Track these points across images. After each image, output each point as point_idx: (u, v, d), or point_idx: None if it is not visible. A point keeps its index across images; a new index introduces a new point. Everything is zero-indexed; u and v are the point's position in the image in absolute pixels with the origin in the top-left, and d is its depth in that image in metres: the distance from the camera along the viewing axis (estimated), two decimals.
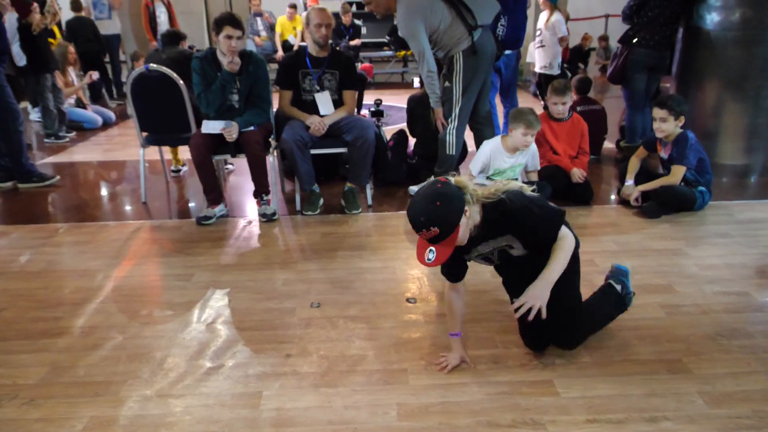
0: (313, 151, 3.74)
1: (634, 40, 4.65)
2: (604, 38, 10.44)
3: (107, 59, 8.30)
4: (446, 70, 3.78)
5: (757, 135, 4.24)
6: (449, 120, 3.79)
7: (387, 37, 5.65)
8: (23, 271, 3.06)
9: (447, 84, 3.76)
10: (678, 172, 3.54)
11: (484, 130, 4.11)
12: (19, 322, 2.54)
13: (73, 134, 6.31)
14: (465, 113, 3.82)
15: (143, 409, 1.96)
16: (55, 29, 7.52)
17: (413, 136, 4.53)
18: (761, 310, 2.50)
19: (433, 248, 1.82)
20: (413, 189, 4.07)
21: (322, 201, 3.88)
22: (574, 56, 9.61)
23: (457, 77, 3.70)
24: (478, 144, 4.16)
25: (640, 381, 2.03)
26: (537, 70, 6.85)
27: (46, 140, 6.05)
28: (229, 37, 3.51)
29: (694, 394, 1.96)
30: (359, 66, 8.00)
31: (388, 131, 4.90)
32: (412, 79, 9.11)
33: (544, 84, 6.39)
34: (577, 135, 3.94)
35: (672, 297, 2.60)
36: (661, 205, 3.57)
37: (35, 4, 5.42)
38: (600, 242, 3.22)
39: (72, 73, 6.76)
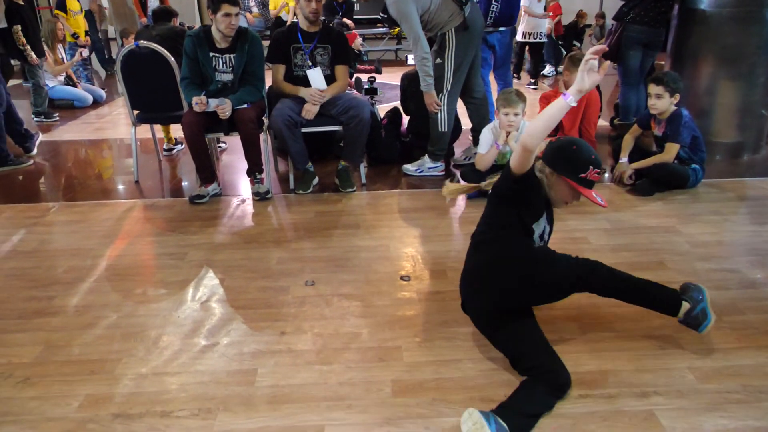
0: (306, 130, 3.72)
1: (629, 17, 4.62)
2: (601, 16, 10.21)
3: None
4: (437, 47, 3.75)
5: (750, 113, 4.23)
6: (440, 96, 3.77)
7: (380, 15, 5.57)
8: (15, 250, 3.05)
9: (438, 61, 3.73)
10: (672, 150, 3.54)
11: (479, 106, 4.09)
12: (13, 301, 2.54)
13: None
14: (456, 89, 3.81)
15: (139, 387, 1.97)
16: (72, 3, 7.41)
17: (407, 114, 4.50)
18: (752, 286, 2.52)
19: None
20: (407, 167, 4.06)
21: (316, 180, 3.86)
22: (569, 33, 9.49)
23: (450, 54, 3.68)
24: (472, 119, 4.15)
25: (631, 357, 2.05)
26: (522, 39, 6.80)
27: (34, 119, 5.97)
28: (228, 15, 3.46)
29: (684, 369, 1.99)
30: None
31: (382, 109, 4.87)
32: (406, 57, 9.02)
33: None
34: (581, 109, 3.82)
35: (664, 274, 2.62)
36: (654, 182, 3.58)
37: None
38: (594, 220, 3.23)
39: (61, 50, 6.66)
